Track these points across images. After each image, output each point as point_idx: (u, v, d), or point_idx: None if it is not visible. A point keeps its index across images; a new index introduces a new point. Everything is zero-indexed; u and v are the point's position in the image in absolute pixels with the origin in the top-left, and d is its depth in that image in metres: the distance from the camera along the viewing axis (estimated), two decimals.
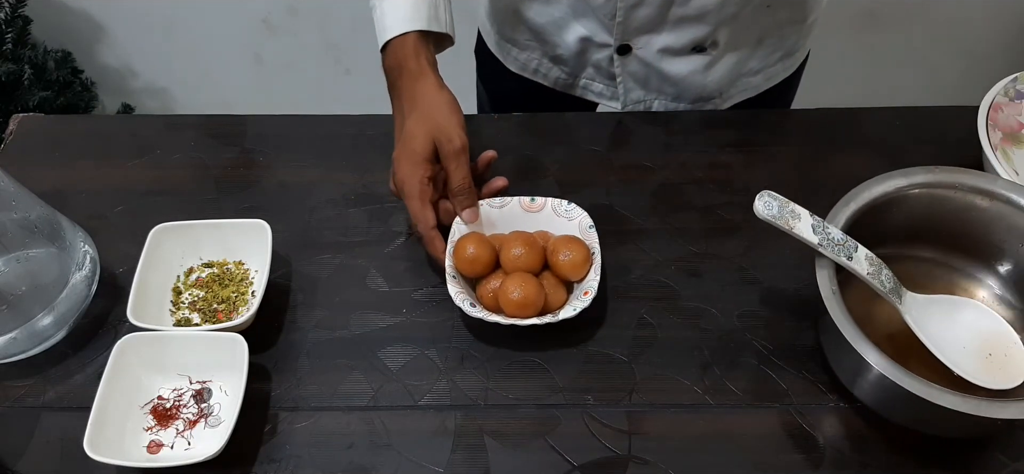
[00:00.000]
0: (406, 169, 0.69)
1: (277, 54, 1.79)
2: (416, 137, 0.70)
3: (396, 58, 0.73)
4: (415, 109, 0.71)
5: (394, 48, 0.73)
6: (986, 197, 0.65)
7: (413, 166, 0.69)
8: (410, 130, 0.70)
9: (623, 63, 0.85)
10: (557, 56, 0.89)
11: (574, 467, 0.62)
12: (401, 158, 0.70)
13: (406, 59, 0.72)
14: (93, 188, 0.80)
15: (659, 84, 0.87)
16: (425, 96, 0.71)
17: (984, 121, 0.75)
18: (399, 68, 0.73)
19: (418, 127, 0.70)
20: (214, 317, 0.69)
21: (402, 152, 0.70)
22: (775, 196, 0.61)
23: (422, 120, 0.70)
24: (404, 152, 0.70)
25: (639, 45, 0.83)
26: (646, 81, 0.87)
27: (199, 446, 0.62)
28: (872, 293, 0.63)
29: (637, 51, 0.84)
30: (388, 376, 0.67)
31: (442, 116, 0.70)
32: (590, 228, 0.70)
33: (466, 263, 0.68)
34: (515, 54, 0.92)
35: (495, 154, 0.75)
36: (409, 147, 0.70)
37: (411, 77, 0.72)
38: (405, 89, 0.72)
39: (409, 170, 0.69)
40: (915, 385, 0.54)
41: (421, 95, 0.71)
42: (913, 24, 1.70)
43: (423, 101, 0.71)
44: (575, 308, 0.65)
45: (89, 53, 1.80)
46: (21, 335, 0.65)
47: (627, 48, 0.84)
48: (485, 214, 0.72)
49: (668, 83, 0.86)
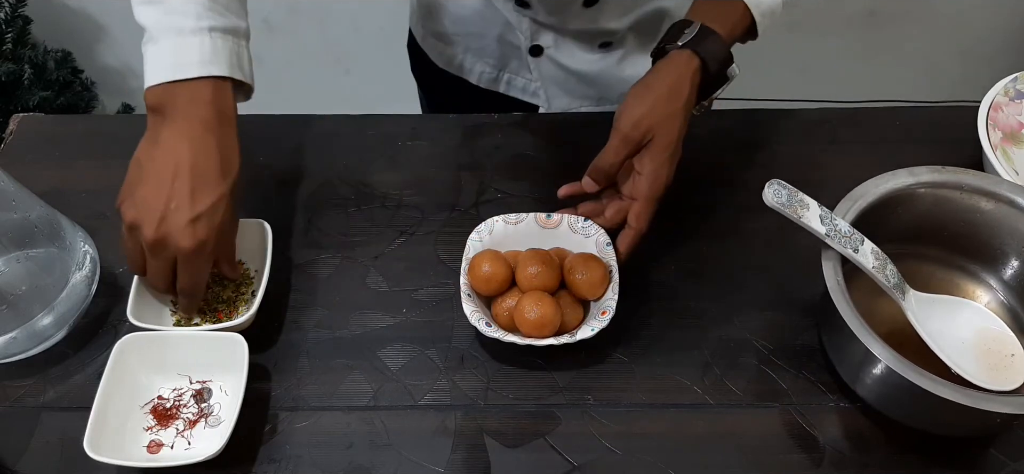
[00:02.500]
0: (201, 240, 0.60)
1: (277, 54, 1.79)
2: (217, 205, 0.61)
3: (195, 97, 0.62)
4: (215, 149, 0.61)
5: (191, 88, 0.62)
6: (991, 199, 0.65)
7: (211, 239, 0.61)
8: (208, 186, 0.60)
9: (537, 65, 0.85)
10: (481, 49, 0.89)
11: (574, 467, 0.62)
12: (191, 223, 0.59)
13: (209, 105, 0.62)
14: (93, 188, 0.80)
15: (577, 86, 0.87)
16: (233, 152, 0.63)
17: (984, 121, 0.75)
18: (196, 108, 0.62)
19: (221, 188, 0.61)
20: (214, 317, 0.69)
21: (187, 211, 0.59)
22: (784, 185, 0.61)
23: (225, 187, 0.62)
24: (199, 215, 0.60)
25: (548, 44, 0.83)
26: (565, 83, 0.87)
27: (199, 446, 0.62)
28: (873, 293, 0.63)
29: (548, 51, 0.84)
30: (388, 376, 0.67)
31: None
32: (607, 246, 0.69)
33: (481, 281, 0.67)
34: (440, 49, 0.92)
35: None
36: (209, 211, 0.60)
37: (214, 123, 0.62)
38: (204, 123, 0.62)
39: (206, 243, 0.60)
40: (918, 377, 0.54)
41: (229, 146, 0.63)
42: (913, 23, 1.70)
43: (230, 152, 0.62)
44: (593, 328, 0.64)
45: (89, 53, 1.80)
46: (21, 335, 0.65)
47: (538, 49, 0.84)
48: (500, 231, 0.71)
49: (585, 83, 0.87)
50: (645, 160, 0.66)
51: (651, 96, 0.66)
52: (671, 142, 0.66)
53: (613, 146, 0.66)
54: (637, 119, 0.65)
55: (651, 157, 0.66)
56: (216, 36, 0.62)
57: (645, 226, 0.67)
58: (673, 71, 0.66)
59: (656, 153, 0.65)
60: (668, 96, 0.66)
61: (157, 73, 0.62)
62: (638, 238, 0.67)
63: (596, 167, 0.68)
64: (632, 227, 0.67)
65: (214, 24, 0.62)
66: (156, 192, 0.60)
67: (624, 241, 0.68)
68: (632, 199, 0.67)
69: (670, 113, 0.65)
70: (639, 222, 0.67)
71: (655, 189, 0.66)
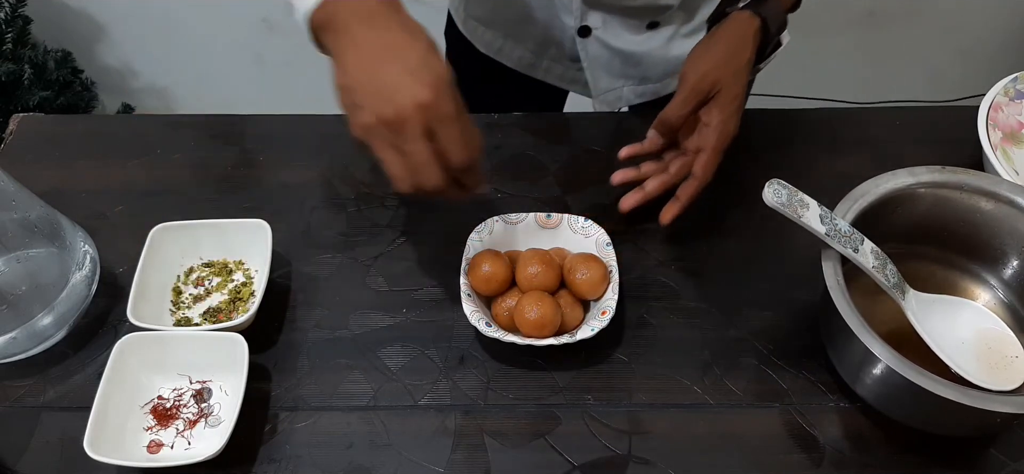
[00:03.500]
0: (434, 85, 0.54)
1: (277, 54, 1.79)
2: (428, 54, 0.55)
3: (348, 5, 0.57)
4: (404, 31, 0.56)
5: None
6: (991, 199, 0.65)
7: (445, 82, 0.55)
8: (408, 44, 0.55)
9: (585, 46, 0.86)
10: (522, 33, 0.89)
11: (574, 467, 0.62)
12: (412, 74, 0.54)
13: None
14: (93, 188, 0.80)
15: (623, 66, 0.87)
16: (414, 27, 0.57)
17: (984, 121, 0.75)
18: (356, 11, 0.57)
19: (420, 44, 0.56)
20: (214, 317, 0.69)
21: (405, 70, 0.54)
22: (784, 184, 0.61)
23: (424, 43, 0.56)
24: (416, 67, 0.54)
25: (597, 25, 0.83)
26: (610, 64, 0.87)
27: (199, 446, 0.62)
28: (872, 293, 0.63)
29: (597, 32, 0.84)
30: (388, 376, 0.67)
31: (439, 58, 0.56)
32: (607, 246, 0.70)
33: (481, 281, 0.67)
34: (481, 32, 0.92)
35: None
36: (422, 61, 0.54)
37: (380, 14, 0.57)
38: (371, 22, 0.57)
39: (440, 85, 0.54)
40: (918, 377, 0.54)
41: (408, 26, 0.57)
42: (913, 23, 1.70)
43: (414, 30, 0.57)
44: (593, 328, 0.64)
45: (89, 53, 1.80)
46: (21, 335, 0.65)
47: (587, 29, 0.84)
48: (500, 231, 0.72)
49: (630, 63, 0.87)
50: (714, 112, 0.68)
51: (717, 51, 0.68)
52: (738, 95, 0.68)
53: (680, 98, 0.68)
54: (705, 72, 0.67)
55: (719, 108, 0.68)
56: None
57: (710, 177, 0.69)
58: (736, 29, 0.69)
59: (724, 104, 0.67)
60: (733, 52, 0.68)
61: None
62: (701, 189, 0.69)
63: (662, 120, 0.70)
64: (697, 177, 0.69)
65: None
66: (368, 86, 0.55)
67: (687, 191, 0.69)
68: (699, 150, 0.69)
69: (736, 68, 0.68)
70: (705, 172, 0.68)
71: (723, 140, 0.68)
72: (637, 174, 0.73)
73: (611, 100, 0.91)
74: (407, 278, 0.73)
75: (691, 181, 0.69)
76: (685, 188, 0.70)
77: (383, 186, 0.80)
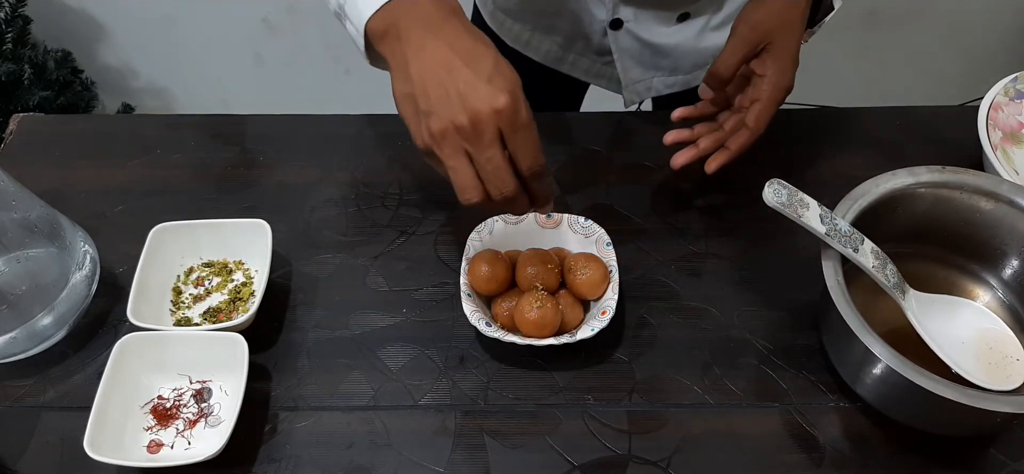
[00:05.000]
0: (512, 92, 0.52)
1: (277, 54, 1.79)
2: (499, 60, 0.54)
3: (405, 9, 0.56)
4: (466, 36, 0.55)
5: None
6: (991, 199, 0.65)
7: (519, 88, 0.53)
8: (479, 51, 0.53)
9: (616, 38, 0.85)
10: (551, 26, 0.89)
11: (574, 467, 0.62)
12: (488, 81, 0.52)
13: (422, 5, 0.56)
14: (93, 188, 0.80)
15: (653, 58, 0.87)
16: (474, 33, 0.55)
17: (984, 121, 0.75)
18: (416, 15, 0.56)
19: (491, 52, 0.54)
20: (214, 317, 0.69)
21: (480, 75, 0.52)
22: (784, 184, 0.61)
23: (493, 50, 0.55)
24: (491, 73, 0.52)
25: (628, 18, 0.83)
26: (640, 56, 0.87)
27: (199, 446, 0.62)
28: (873, 293, 0.63)
29: (628, 25, 0.84)
30: (388, 376, 0.67)
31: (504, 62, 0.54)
32: (607, 245, 0.70)
33: (481, 281, 0.67)
34: (508, 24, 0.92)
35: None
36: (495, 67, 0.53)
37: (437, 18, 0.55)
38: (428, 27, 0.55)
39: (517, 91, 0.53)
40: (918, 376, 0.54)
41: (469, 31, 0.55)
42: (913, 24, 1.70)
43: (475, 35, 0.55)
44: (593, 328, 0.64)
45: (89, 53, 1.80)
46: (21, 335, 0.65)
47: (618, 22, 0.84)
48: (500, 231, 0.72)
49: (661, 55, 0.87)
50: (768, 63, 0.67)
51: (771, 2, 0.67)
52: (792, 47, 0.66)
53: (730, 48, 0.67)
54: (755, 22, 0.66)
55: (773, 59, 0.67)
56: None
57: (763, 127, 0.68)
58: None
59: (778, 55, 0.66)
60: (787, 3, 0.67)
61: (373, 1, 0.56)
62: (753, 140, 0.68)
63: (712, 72, 0.68)
64: (750, 127, 0.67)
65: None
66: (440, 90, 0.53)
67: (738, 140, 0.68)
68: (753, 102, 0.68)
69: (789, 19, 0.66)
70: (758, 122, 0.67)
71: (777, 91, 0.67)
72: (691, 134, 0.72)
73: (641, 91, 0.91)
74: (407, 278, 0.73)
75: (743, 131, 0.68)
76: (736, 138, 0.68)
77: (383, 186, 0.80)
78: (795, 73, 0.68)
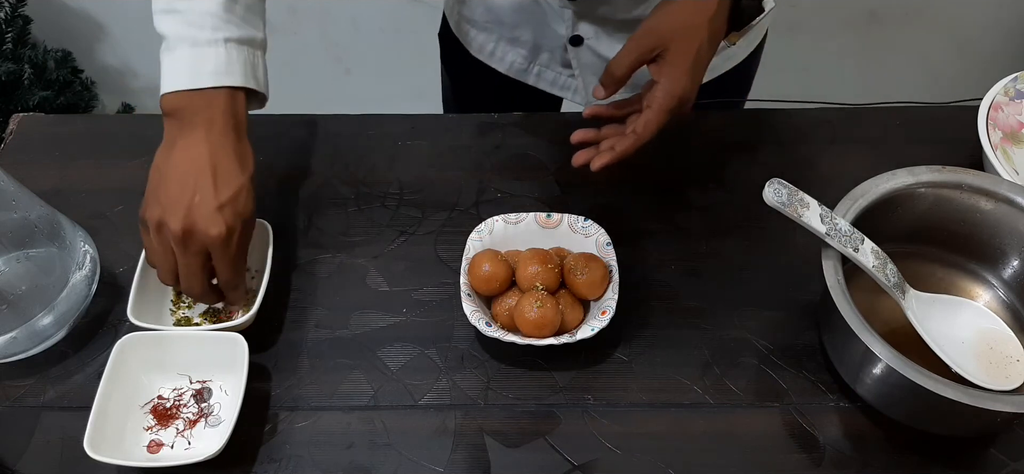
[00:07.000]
0: (231, 227, 0.62)
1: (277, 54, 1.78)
2: (242, 190, 0.64)
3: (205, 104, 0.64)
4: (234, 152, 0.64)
5: (206, 95, 0.64)
6: (991, 199, 0.65)
7: (243, 223, 0.64)
8: (231, 175, 0.63)
9: (577, 54, 0.85)
10: (514, 38, 0.89)
11: (574, 467, 0.62)
12: (218, 208, 0.61)
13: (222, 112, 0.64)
14: (93, 188, 0.80)
15: None
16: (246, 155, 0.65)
17: (984, 120, 0.75)
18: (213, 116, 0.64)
19: (240, 180, 0.64)
20: (214, 317, 0.69)
21: (216, 197, 0.61)
22: (784, 184, 0.61)
23: (247, 177, 0.65)
24: (227, 201, 0.62)
25: (589, 35, 0.83)
26: (601, 72, 0.87)
27: (199, 446, 0.62)
28: (873, 292, 0.63)
29: (588, 42, 0.84)
30: (388, 376, 0.67)
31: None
32: (607, 246, 0.70)
33: (481, 281, 0.67)
34: (473, 35, 0.92)
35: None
36: (234, 196, 0.62)
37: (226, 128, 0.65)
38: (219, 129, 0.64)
39: (236, 227, 0.63)
40: (918, 376, 0.54)
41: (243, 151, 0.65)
42: (913, 23, 1.70)
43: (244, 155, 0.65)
44: (593, 328, 0.64)
45: (89, 53, 1.80)
46: (21, 335, 0.65)
47: (578, 39, 0.84)
48: (500, 230, 0.71)
49: None
50: (663, 69, 0.65)
51: (672, 6, 0.65)
52: (689, 54, 0.64)
53: (625, 49, 0.65)
54: (652, 26, 0.65)
55: (668, 66, 0.65)
56: (231, 47, 0.64)
57: (649, 135, 0.65)
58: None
59: (674, 62, 0.64)
60: (691, 9, 0.64)
61: (174, 81, 0.63)
62: (636, 147, 0.65)
63: (607, 70, 0.67)
64: (636, 132, 0.65)
65: (230, 35, 0.64)
66: (179, 189, 0.61)
67: (622, 144, 0.65)
68: (646, 107, 0.66)
69: (691, 24, 0.64)
70: (645, 129, 0.65)
71: (668, 99, 0.64)
72: (596, 135, 0.70)
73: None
74: (407, 278, 0.73)
75: (628, 136, 0.66)
76: (620, 140, 0.66)
77: (383, 186, 0.80)
78: (695, 82, 0.65)
